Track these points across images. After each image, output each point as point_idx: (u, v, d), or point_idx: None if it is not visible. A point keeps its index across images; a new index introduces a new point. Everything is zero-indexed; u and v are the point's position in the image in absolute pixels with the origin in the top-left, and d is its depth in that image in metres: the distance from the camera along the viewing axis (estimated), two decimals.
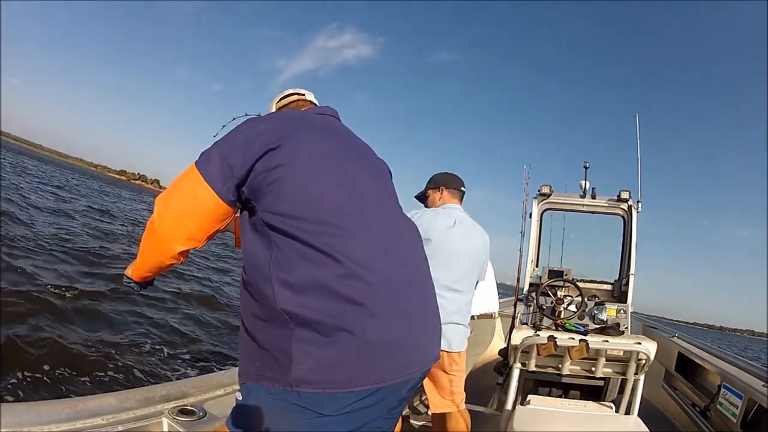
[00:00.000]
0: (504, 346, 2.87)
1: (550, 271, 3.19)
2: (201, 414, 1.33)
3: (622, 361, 2.46)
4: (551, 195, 3.25)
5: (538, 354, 2.41)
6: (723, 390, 2.63)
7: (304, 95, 1.25)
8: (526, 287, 3.16)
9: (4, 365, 3.18)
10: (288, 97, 1.25)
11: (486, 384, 3.25)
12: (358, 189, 0.94)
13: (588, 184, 3.18)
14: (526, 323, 2.83)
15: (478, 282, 2.08)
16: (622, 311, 2.92)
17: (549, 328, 2.58)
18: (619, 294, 3.17)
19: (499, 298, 2.69)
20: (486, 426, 2.68)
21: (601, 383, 2.81)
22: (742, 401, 2.39)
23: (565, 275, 3.13)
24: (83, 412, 1.18)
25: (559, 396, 2.89)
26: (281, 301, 0.81)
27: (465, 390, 2.06)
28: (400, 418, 2.04)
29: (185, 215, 0.90)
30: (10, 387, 3.01)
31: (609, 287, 3.25)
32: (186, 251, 0.94)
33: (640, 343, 2.33)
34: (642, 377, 2.44)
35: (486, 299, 2.45)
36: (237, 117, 1.19)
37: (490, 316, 2.47)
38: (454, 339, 1.89)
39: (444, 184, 2.09)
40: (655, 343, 2.37)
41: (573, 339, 2.35)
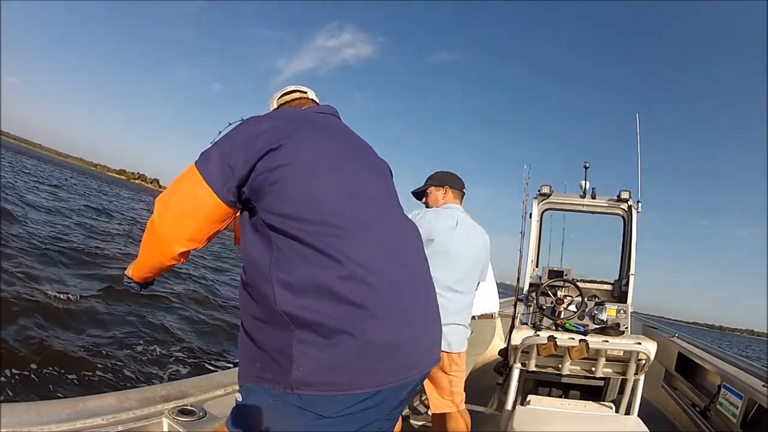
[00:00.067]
0: (504, 346, 2.87)
1: (550, 271, 3.19)
2: (201, 414, 1.33)
3: (622, 361, 2.46)
4: (551, 195, 3.25)
5: (538, 354, 2.41)
6: (723, 390, 2.62)
7: (306, 93, 1.23)
8: (526, 287, 3.16)
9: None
10: (290, 94, 1.23)
11: (486, 384, 3.25)
12: (358, 189, 0.94)
13: (588, 184, 3.18)
14: (526, 323, 2.83)
15: (479, 283, 2.08)
16: (622, 311, 2.92)
17: (549, 328, 2.58)
18: (619, 294, 3.17)
19: (500, 298, 2.69)
20: (486, 426, 2.68)
21: (601, 383, 2.80)
22: (742, 401, 2.39)
23: (565, 275, 3.13)
24: (83, 412, 1.18)
25: (559, 396, 2.88)
26: (282, 303, 0.81)
27: (465, 390, 2.06)
28: (400, 417, 2.04)
29: (185, 216, 0.89)
30: (7, 388, 3.01)
31: (609, 287, 3.25)
32: (186, 252, 0.93)
33: (640, 343, 2.33)
34: (642, 377, 2.44)
35: (486, 299, 2.45)
36: (233, 122, 1.18)
37: (490, 316, 2.47)
38: (454, 340, 1.89)
39: (449, 183, 2.08)
40: (655, 343, 2.37)
41: (573, 339, 2.35)
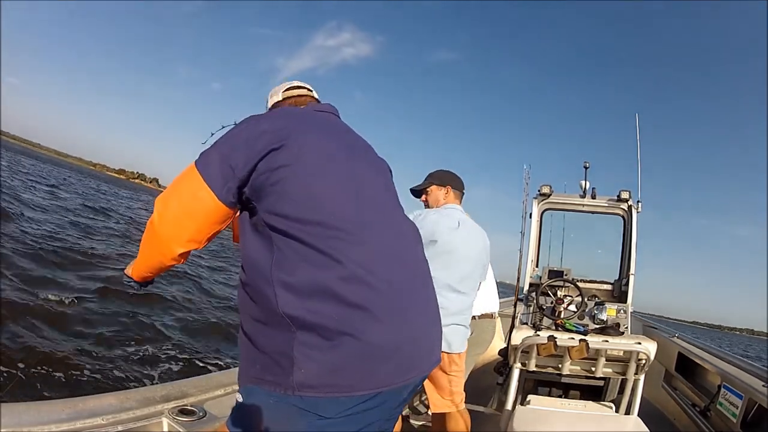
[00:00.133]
0: (504, 346, 2.87)
1: (550, 271, 3.19)
2: (201, 414, 1.33)
3: (622, 361, 2.46)
4: (551, 195, 3.25)
5: (538, 354, 2.41)
6: (723, 390, 2.63)
7: (311, 92, 1.22)
8: (526, 287, 3.16)
9: None
10: (296, 90, 1.20)
11: (486, 384, 3.25)
12: (359, 189, 0.93)
13: (588, 184, 3.18)
14: (526, 323, 2.82)
15: (480, 283, 2.08)
16: (622, 311, 2.92)
17: (549, 328, 2.58)
18: (619, 294, 3.17)
19: (499, 297, 2.69)
20: (486, 426, 2.68)
21: (601, 383, 2.81)
22: (742, 401, 2.39)
23: (565, 275, 3.13)
24: (83, 412, 1.18)
25: (559, 396, 2.88)
26: (283, 305, 0.80)
27: (465, 390, 2.06)
28: (400, 417, 2.05)
29: (185, 216, 0.88)
30: (6, 388, 3.01)
31: (609, 287, 3.25)
32: (186, 253, 0.93)
33: (640, 343, 2.33)
34: (642, 377, 2.44)
35: (486, 299, 2.45)
36: (226, 125, 1.17)
37: (490, 316, 2.48)
38: (454, 340, 1.89)
39: (451, 183, 2.08)
40: (655, 343, 2.37)
41: (573, 339, 2.35)
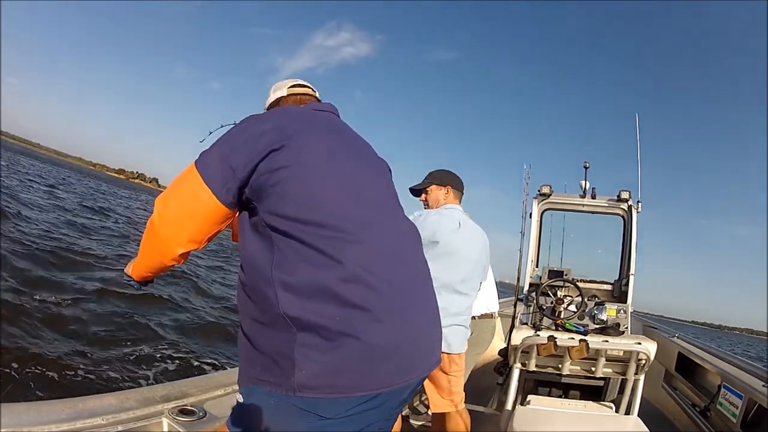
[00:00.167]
0: (504, 346, 2.87)
1: (550, 271, 3.19)
2: (201, 414, 1.33)
3: (622, 361, 2.46)
4: (551, 195, 3.25)
5: (538, 354, 2.41)
6: (723, 390, 2.63)
7: (315, 93, 1.21)
8: (526, 287, 3.16)
9: None
10: (301, 88, 1.20)
11: (486, 384, 3.25)
12: (359, 190, 0.93)
13: (588, 184, 3.18)
14: (526, 323, 2.83)
15: (481, 283, 2.08)
16: (622, 311, 2.92)
17: (549, 328, 2.58)
18: (619, 294, 3.17)
19: (499, 297, 2.69)
20: (486, 426, 2.68)
21: (601, 383, 2.81)
22: (742, 401, 2.39)
23: (565, 275, 3.13)
24: (83, 412, 1.18)
25: (559, 396, 2.89)
26: (284, 305, 0.80)
27: (465, 390, 2.06)
28: (400, 417, 2.04)
29: (185, 216, 0.88)
30: (6, 388, 3.01)
31: (609, 287, 3.25)
32: (187, 253, 0.92)
33: (640, 343, 2.33)
34: (642, 377, 2.44)
35: (486, 299, 2.45)
36: (225, 124, 1.16)
37: (490, 316, 2.48)
38: (454, 341, 1.89)
39: (451, 183, 2.08)
40: (655, 343, 2.37)
41: (573, 339, 2.35)
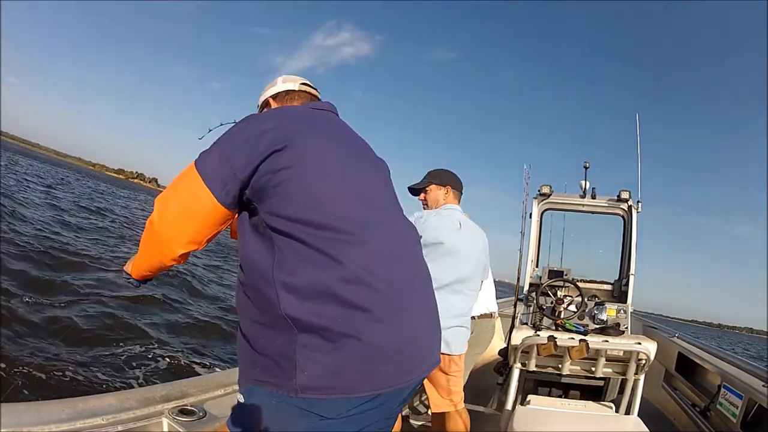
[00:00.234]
0: (504, 346, 2.87)
1: (550, 271, 3.19)
2: (201, 414, 1.33)
3: (622, 361, 2.46)
4: (551, 195, 3.25)
5: (538, 354, 2.41)
6: (723, 390, 2.63)
7: (317, 95, 1.19)
8: (526, 287, 3.16)
9: None
10: (309, 87, 1.18)
11: (486, 384, 3.25)
12: (360, 190, 0.93)
13: (588, 184, 3.18)
14: (526, 323, 2.83)
15: (482, 282, 2.08)
16: (622, 311, 2.92)
17: (549, 328, 2.58)
18: (619, 294, 3.17)
19: (499, 297, 2.69)
20: (486, 426, 2.68)
21: (601, 383, 2.81)
22: (742, 401, 2.39)
23: (565, 275, 3.13)
24: (83, 412, 1.18)
25: (559, 396, 2.89)
26: (286, 307, 0.79)
27: (465, 390, 2.06)
28: (400, 417, 2.04)
29: (185, 217, 0.88)
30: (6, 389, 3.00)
31: (609, 287, 3.25)
32: (187, 253, 0.92)
33: (640, 343, 2.33)
34: (642, 377, 2.44)
35: (485, 299, 2.46)
36: (225, 123, 1.16)
37: (489, 316, 2.48)
38: (454, 341, 1.89)
39: (451, 183, 2.08)
40: (655, 343, 2.37)
41: (573, 339, 2.35)
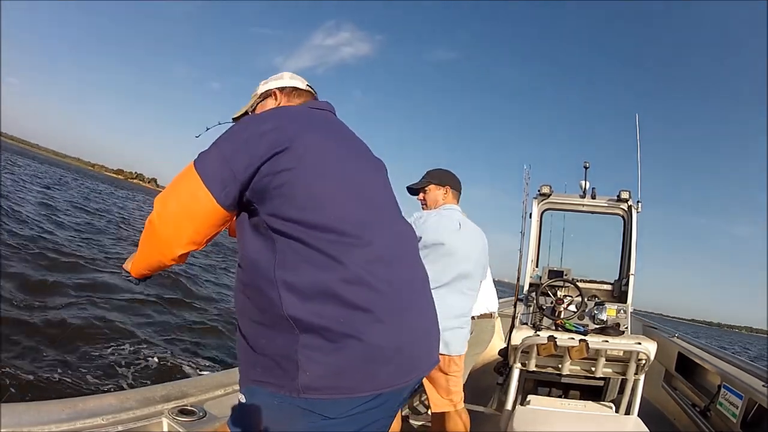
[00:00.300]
0: (504, 346, 2.87)
1: (550, 271, 3.19)
2: (201, 414, 1.33)
3: (622, 361, 2.46)
4: (551, 195, 3.25)
5: (538, 354, 2.41)
6: (723, 390, 2.63)
7: (316, 96, 1.18)
8: (526, 287, 3.16)
9: None
10: (309, 88, 1.17)
11: (486, 384, 3.25)
12: (360, 190, 0.93)
13: (588, 184, 3.18)
14: (526, 323, 2.83)
15: (481, 282, 2.08)
16: (622, 311, 2.92)
17: (549, 328, 2.58)
18: (619, 294, 3.17)
19: (499, 297, 2.69)
20: (486, 426, 2.68)
21: (601, 383, 2.81)
22: (742, 401, 2.39)
23: (565, 275, 3.13)
24: (83, 412, 1.18)
25: (559, 396, 2.89)
26: (288, 307, 0.79)
27: (465, 390, 2.06)
28: (400, 417, 2.04)
29: (185, 217, 0.87)
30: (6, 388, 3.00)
31: (609, 287, 3.26)
32: (186, 253, 0.92)
33: (640, 343, 2.33)
34: (642, 377, 2.44)
35: (485, 299, 2.46)
36: (223, 122, 1.16)
37: (489, 316, 2.48)
38: (454, 342, 1.89)
39: (450, 183, 2.08)
40: (655, 343, 2.37)
41: (573, 339, 2.35)
